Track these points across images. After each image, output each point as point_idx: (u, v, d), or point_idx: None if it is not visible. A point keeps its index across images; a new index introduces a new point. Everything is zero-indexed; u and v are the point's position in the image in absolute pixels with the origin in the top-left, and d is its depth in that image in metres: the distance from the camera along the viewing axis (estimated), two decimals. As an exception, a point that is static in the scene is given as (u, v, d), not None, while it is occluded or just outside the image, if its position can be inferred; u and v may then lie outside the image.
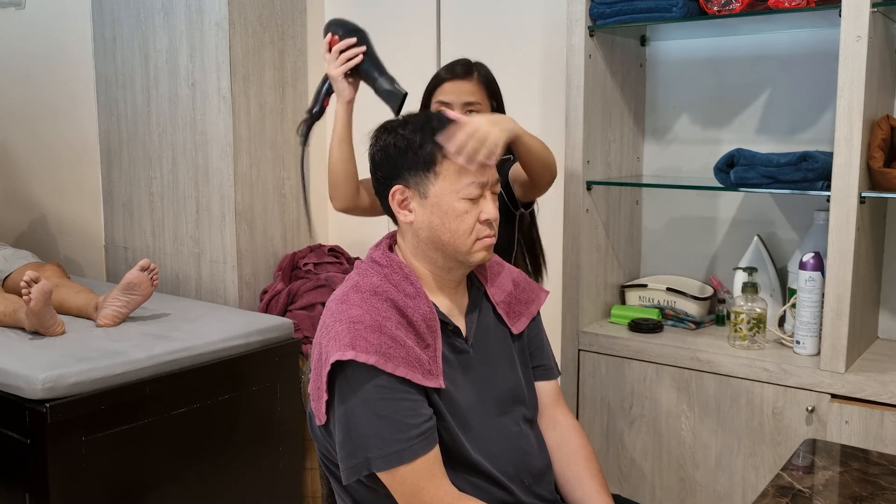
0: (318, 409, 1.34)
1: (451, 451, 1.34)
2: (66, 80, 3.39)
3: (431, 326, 1.36)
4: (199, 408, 2.20)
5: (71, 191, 3.46)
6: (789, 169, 1.94)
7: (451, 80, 1.91)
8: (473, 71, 1.92)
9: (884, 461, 1.49)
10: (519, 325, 1.52)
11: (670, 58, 2.43)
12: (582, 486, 1.48)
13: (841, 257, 1.85)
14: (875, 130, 1.88)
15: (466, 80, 1.90)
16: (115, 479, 2.04)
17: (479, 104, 1.89)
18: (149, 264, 2.33)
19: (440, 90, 1.91)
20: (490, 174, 1.41)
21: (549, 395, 1.56)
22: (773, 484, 1.40)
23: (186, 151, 2.89)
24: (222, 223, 2.82)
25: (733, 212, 2.38)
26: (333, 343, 1.30)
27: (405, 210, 1.41)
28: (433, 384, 1.32)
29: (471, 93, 1.89)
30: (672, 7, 2.04)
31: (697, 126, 2.42)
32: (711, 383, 2.06)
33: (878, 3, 1.80)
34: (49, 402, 1.91)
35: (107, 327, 2.32)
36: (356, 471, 1.29)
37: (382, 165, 1.42)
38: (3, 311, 2.33)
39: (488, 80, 1.93)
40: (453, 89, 1.89)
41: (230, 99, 2.74)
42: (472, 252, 1.40)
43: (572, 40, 2.19)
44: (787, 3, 1.92)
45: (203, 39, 2.78)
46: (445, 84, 1.91)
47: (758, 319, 2.07)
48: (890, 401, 1.83)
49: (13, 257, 2.81)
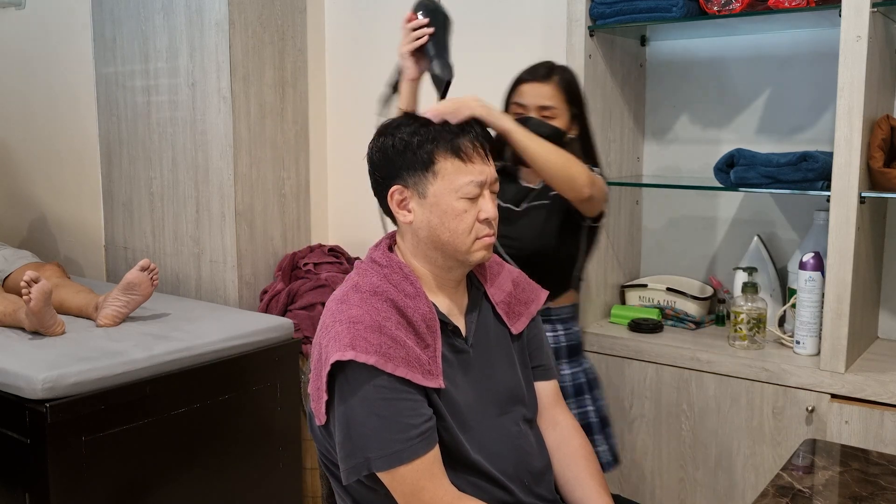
0: (318, 409, 1.34)
1: (451, 450, 1.34)
2: (66, 80, 3.39)
3: (431, 326, 1.36)
4: (199, 408, 2.20)
5: (71, 191, 3.46)
6: (789, 169, 1.95)
7: (528, 82, 1.85)
8: (553, 74, 1.85)
9: (884, 461, 1.49)
10: (518, 325, 1.52)
11: (670, 58, 2.43)
12: (582, 487, 1.48)
13: (841, 257, 1.85)
14: (875, 130, 1.88)
15: (544, 83, 1.84)
16: (115, 479, 2.04)
17: (554, 108, 1.83)
18: (149, 264, 2.33)
19: (518, 91, 1.87)
20: (488, 172, 1.41)
21: (548, 395, 1.56)
22: (773, 484, 1.40)
23: (186, 151, 2.89)
24: (222, 223, 2.82)
25: (733, 212, 2.39)
26: (333, 343, 1.30)
27: (404, 210, 1.41)
28: (433, 384, 1.32)
29: (547, 97, 1.83)
30: (672, 7, 2.04)
31: (697, 126, 2.42)
32: (711, 383, 2.06)
33: (878, 3, 1.80)
34: (49, 402, 1.91)
35: (107, 327, 2.32)
36: (356, 471, 1.29)
37: (380, 166, 1.42)
38: (3, 311, 2.33)
39: (569, 85, 1.86)
40: (530, 91, 1.85)
41: (230, 99, 2.74)
42: (472, 251, 1.40)
43: (572, 40, 2.19)
44: (787, 3, 1.92)
45: (203, 39, 2.78)
46: (523, 85, 1.86)
47: (758, 319, 2.07)
48: (890, 401, 1.83)
49: (13, 257, 2.81)
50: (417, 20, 1.73)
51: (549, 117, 1.83)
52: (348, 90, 3.05)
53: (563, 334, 1.92)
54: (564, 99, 1.85)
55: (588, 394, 1.92)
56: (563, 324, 1.92)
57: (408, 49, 1.73)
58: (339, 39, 3.06)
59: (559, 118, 1.85)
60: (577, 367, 1.93)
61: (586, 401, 1.91)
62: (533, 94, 1.84)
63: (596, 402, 1.93)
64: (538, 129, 1.78)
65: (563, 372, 1.90)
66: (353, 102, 3.04)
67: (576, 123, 1.89)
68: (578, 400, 1.90)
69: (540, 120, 1.83)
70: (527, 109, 1.84)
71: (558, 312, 1.91)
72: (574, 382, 1.91)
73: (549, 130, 1.81)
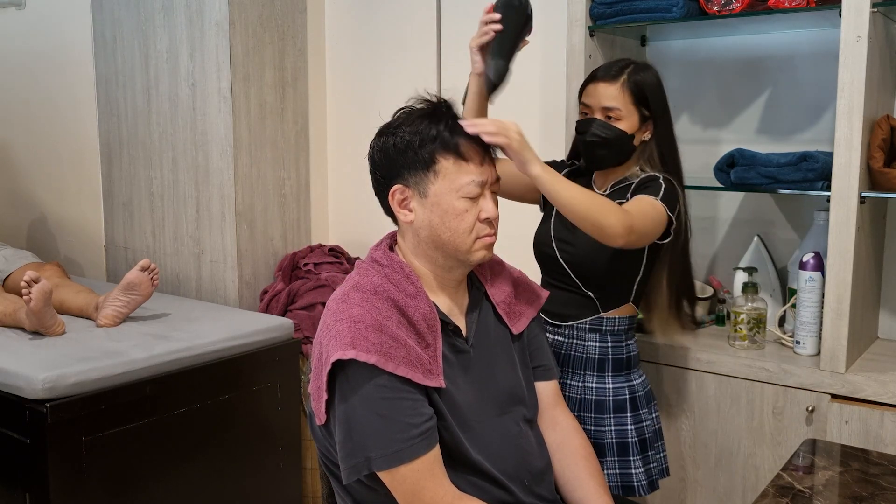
0: (319, 409, 1.34)
1: (452, 450, 1.34)
2: (66, 80, 3.39)
3: (432, 326, 1.37)
4: (199, 408, 2.20)
5: (71, 191, 3.46)
6: (789, 169, 1.95)
7: (595, 82, 1.77)
8: (622, 74, 1.75)
9: (884, 461, 1.49)
10: (519, 325, 1.53)
11: (670, 58, 2.43)
12: (582, 487, 1.48)
13: (841, 257, 1.85)
14: (875, 130, 1.88)
15: (611, 83, 1.74)
16: (115, 479, 2.04)
17: (618, 110, 1.74)
18: (149, 264, 2.33)
19: (585, 91, 1.79)
20: (489, 173, 1.41)
21: (549, 395, 1.56)
22: (773, 484, 1.40)
23: (186, 151, 2.89)
24: (222, 223, 2.83)
25: (733, 212, 2.38)
26: (334, 342, 1.30)
27: (405, 210, 1.41)
28: (433, 384, 1.32)
29: (612, 97, 1.74)
30: (672, 7, 2.04)
31: (697, 126, 2.42)
32: (711, 383, 2.06)
33: (878, 3, 1.80)
34: (49, 402, 1.91)
35: (107, 327, 2.32)
36: (356, 470, 1.29)
37: (382, 165, 1.42)
38: (3, 311, 2.33)
39: (638, 86, 1.75)
40: (595, 91, 1.76)
41: (230, 99, 2.74)
42: (473, 251, 1.40)
43: (572, 40, 2.19)
44: (787, 3, 1.92)
45: (203, 39, 2.78)
46: (590, 85, 1.78)
47: (758, 319, 2.07)
48: (890, 401, 1.83)
49: (13, 257, 2.81)
50: (490, 15, 1.67)
51: (613, 118, 1.75)
52: (348, 90, 3.05)
53: (611, 346, 1.82)
54: (632, 100, 1.75)
55: (641, 409, 1.83)
56: (614, 335, 1.82)
57: (475, 43, 1.68)
58: (339, 39, 3.06)
59: (625, 120, 1.75)
60: (623, 382, 1.82)
61: (626, 419, 1.80)
62: (598, 94, 1.75)
63: (637, 423, 1.81)
64: (599, 131, 1.74)
65: (605, 385, 1.81)
66: (353, 102, 3.04)
67: (649, 126, 1.79)
68: (617, 417, 1.81)
69: (603, 122, 1.75)
70: (591, 110, 1.77)
71: (610, 324, 1.82)
72: (616, 397, 1.81)
73: (610, 133, 1.74)
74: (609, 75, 1.76)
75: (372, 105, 2.96)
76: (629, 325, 1.85)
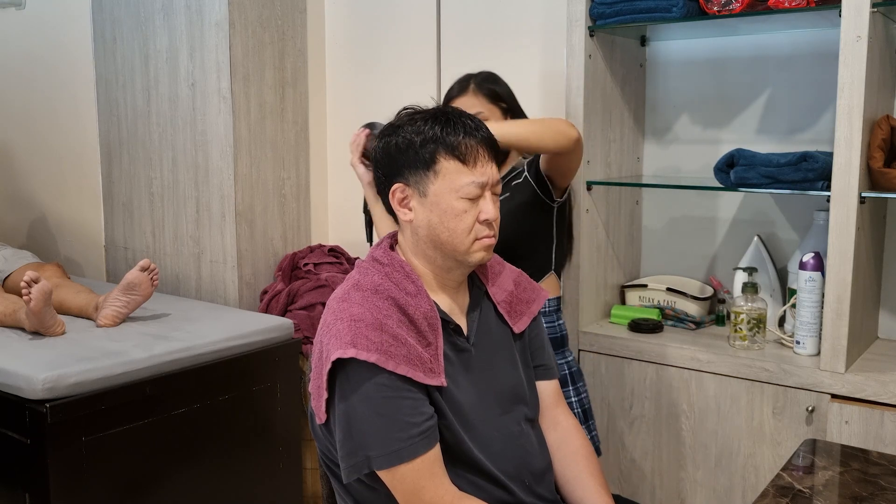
0: (319, 408, 1.34)
1: (452, 449, 1.34)
2: (66, 80, 3.39)
3: (433, 325, 1.37)
4: (199, 408, 2.20)
5: (71, 191, 3.46)
6: (789, 169, 1.95)
7: (451, 101, 1.95)
8: (469, 85, 1.96)
9: (884, 461, 1.49)
10: (520, 324, 1.52)
11: (670, 58, 2.43)
12: (582, 486, 1.48)
13: (841, 257, 1.85)
14: (875, 130, 1.88)
15: (464, 95, 1.95)
16: (115, 479, 2.04)
17: (482, 113, 1.90)
18: (149, 264, 2.33)
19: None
20: (490, 174, 1.41)
21: (549, 395, 1.56)
22: (773, 484, 1.40)
23: (186, 151, 2.89)
24: (222, 223, 2.83)
25: (733, 212, 2.39)
26: (334, 341, 1.30)
27: (405, 208, 1.41)
28: (434, 382, 1.32)
29: (473, 105, 1.92)
30: (672, 7, 2.04)
31: (697, 126, 2.42)
32: (711, 383, 2.06)
33: (878, 3, 1.80)
34: (49, 402, 1.91)
35: (107, 327, 2.32)
36: (356, 469, 1.29)
37: (383, 164, 1.43)
38: (3, 311, 2.33)
39: (486, 89, 1.96)
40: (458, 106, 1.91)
41: (230, 99, 2.74)
42: (471, 252, 1.40)
43: (572, 40, 2.20)
44: (787, 3, 1.92)
45: (203, 39, 2.78)
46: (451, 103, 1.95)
47: (758, 319, 2.07)
48: (890, 401, 1.83)
49: (13, 257, 2.81)
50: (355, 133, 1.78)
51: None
52: (348, 90, 3.05)
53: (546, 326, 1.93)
54: (488, 102, 1.94)
55: (571, 386, 1.97)
56: (546, 317, 1.96)
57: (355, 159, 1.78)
58: (339, 39, 3.06)
59: (492, 119, 1.91)
60: (560, 359, 1.97)
61: (569, 392, 1.95)
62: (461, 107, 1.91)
63: (579, 394, 1.98)
64: None
65: None
66: (353, 102, 3.04)
67: (510, 117, 1.97)
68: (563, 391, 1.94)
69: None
70: None
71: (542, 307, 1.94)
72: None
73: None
74: (461, 90, 1.96)
75: (372, 105, 2.96)
76: (557, 305, 2.00)
